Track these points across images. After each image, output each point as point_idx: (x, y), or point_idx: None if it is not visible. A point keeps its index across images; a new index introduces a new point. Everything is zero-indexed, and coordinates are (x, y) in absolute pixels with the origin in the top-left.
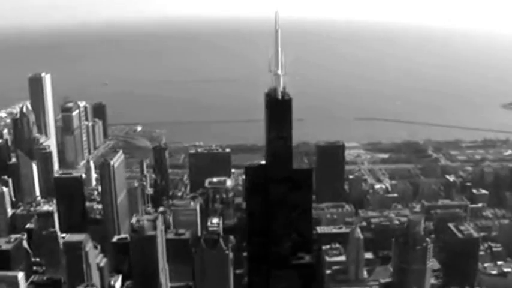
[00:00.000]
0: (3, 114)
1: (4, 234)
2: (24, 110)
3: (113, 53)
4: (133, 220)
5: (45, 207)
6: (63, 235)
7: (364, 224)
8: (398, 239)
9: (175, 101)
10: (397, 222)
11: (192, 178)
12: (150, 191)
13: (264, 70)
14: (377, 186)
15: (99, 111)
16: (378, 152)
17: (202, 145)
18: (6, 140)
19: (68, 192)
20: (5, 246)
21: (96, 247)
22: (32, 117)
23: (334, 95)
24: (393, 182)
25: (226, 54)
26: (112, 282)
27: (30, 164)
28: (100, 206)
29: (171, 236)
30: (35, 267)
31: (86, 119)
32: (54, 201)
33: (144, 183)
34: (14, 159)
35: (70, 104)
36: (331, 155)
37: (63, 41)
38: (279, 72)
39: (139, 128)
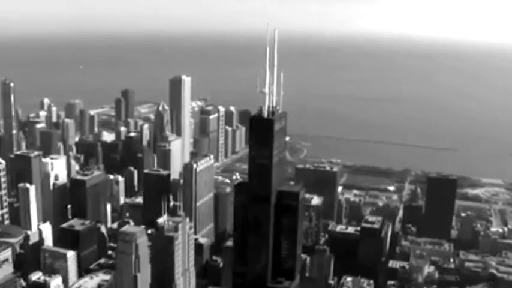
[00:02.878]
0: (145, 109)
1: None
2: (160, 108)
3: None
4: (160, 220)
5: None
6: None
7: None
8: None
9: (340, 116)
10: (493, 271)
11: None
12: None
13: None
14: (493, 229)
15: (245, 117)
16: None
17: (338, 162)
18: (141, 134)
19: (154, 188)
20: (77, 228)
21: None
22: (167, 116)
23: (488, 126)
24: None
25: (409, 72)
26: None
27: (152, 159)
28: None
29: None
30: (110, 252)
31: (230, 124)
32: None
33: None
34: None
35: (209, 107)
36: (442, 188)
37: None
38: (265, 90)
39: (286, 139)
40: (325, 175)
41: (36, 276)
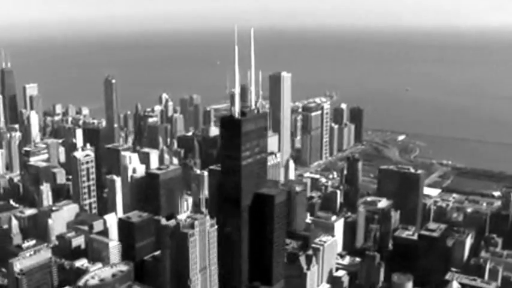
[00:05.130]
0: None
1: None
2: (258, 104)
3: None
4: (179, 216)
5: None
6: None
7: None
8: None
9: (462, 115)
10: None
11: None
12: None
13: None
14: None
15: (355, 114)
16: None
17: (449, 164)
18: None
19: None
20: (133, 220)
21: None
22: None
23: None
24: None
25: None
26: None
27: None
28: None
29: None
30: None
31: (339, 122)
32: None
33: (338, 190)
34: None
35: (312, 104)
36: None
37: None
38: (235, 90)
39: (401, 138)
40: (408, 177)
41: (81, 262)
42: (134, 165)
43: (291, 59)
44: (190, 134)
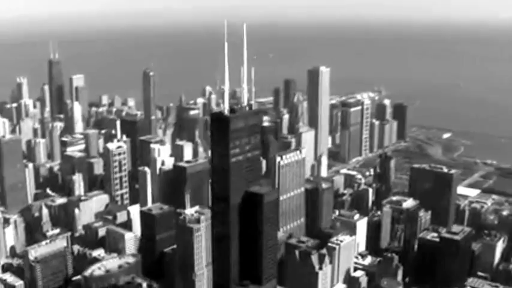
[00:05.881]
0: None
1: None
2: (295, 99)
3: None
4: (186, 211)
5: None
6: None
7: None
8: None
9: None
10: None
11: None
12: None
13: None
14: None
15: (399, 111)
16: None
17: (493, 164)
18: (276, 123)
19: None
20: (154, 212)
21: None
22: (302, 108)
23: None
24: None
25: None
26: None
27: (275, 149)
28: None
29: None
30: None
31: (381, 118)
32: None
33: (370, 188)
34: None
35: (352, 100)
36: None
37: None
38: (224, 87)
39: (446, 135)
40: (441, 177)
41: (97, 252)
42: (163, 158)
43: (330, 53)
44: None
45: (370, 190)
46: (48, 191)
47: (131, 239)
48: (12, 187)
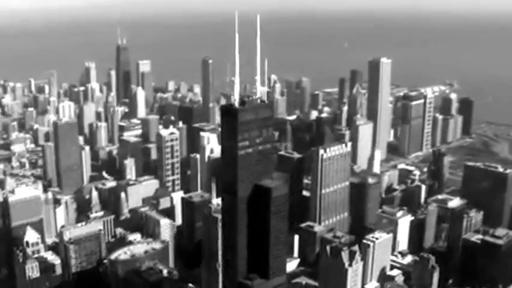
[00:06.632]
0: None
1: None
2: (354, 91)
3: None
4: (213, 201)
5: None
6: None
7: None
8: None
9: None
10: None
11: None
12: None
13: None
14: None
15: (465, 105)
16: None
17: None
18: (336, 115)
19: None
20: (194, 199)
21: None
22: (361, 99)
23: None
24: None
25: None
26: None
27: (330, 141)
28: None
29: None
30: None
31: (446, 112)
32: None
33: (423, 185)
34: None
35: (414, 93)
36: None
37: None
38: (234, 79)
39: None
40: (495, 176)
41: (134, 236)
42: (212, 146)
43: (395, 43)
44: (292, 117)
45: (423, 187)
46: (104, 174)
47: (166, 225)
48: (68, 169)
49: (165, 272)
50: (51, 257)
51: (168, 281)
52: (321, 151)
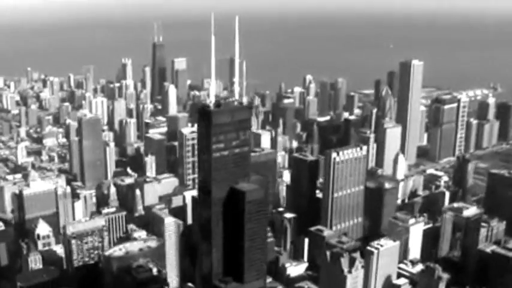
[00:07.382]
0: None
1: None
2: (383, 93)
3: None
4: None
5: None
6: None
7: None
8: None
9: None
10: None
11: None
12: None
13: None
14: None
15: (502, 110)
16: None
17: None
18: (364, 118)
19: (300, 171)
20: None
21: None
22: (390, 102)
23: None
24: None
25: None
26: None
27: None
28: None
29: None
30: None
31: (483, 117)
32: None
33: (447, 192)
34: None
35: (447, 96)
36: None
37: None
38: (210, 81)
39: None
40: None
41: (138, 234)
42: None
43: (434, 44)
44: (324, 118)
45: (447, 194)
46: (129, 170)
47: (171, 224)
48: (91, 164)
49: (154, 270)
50: (60, 250)
51: (156, 280)
52: (334, 154)
